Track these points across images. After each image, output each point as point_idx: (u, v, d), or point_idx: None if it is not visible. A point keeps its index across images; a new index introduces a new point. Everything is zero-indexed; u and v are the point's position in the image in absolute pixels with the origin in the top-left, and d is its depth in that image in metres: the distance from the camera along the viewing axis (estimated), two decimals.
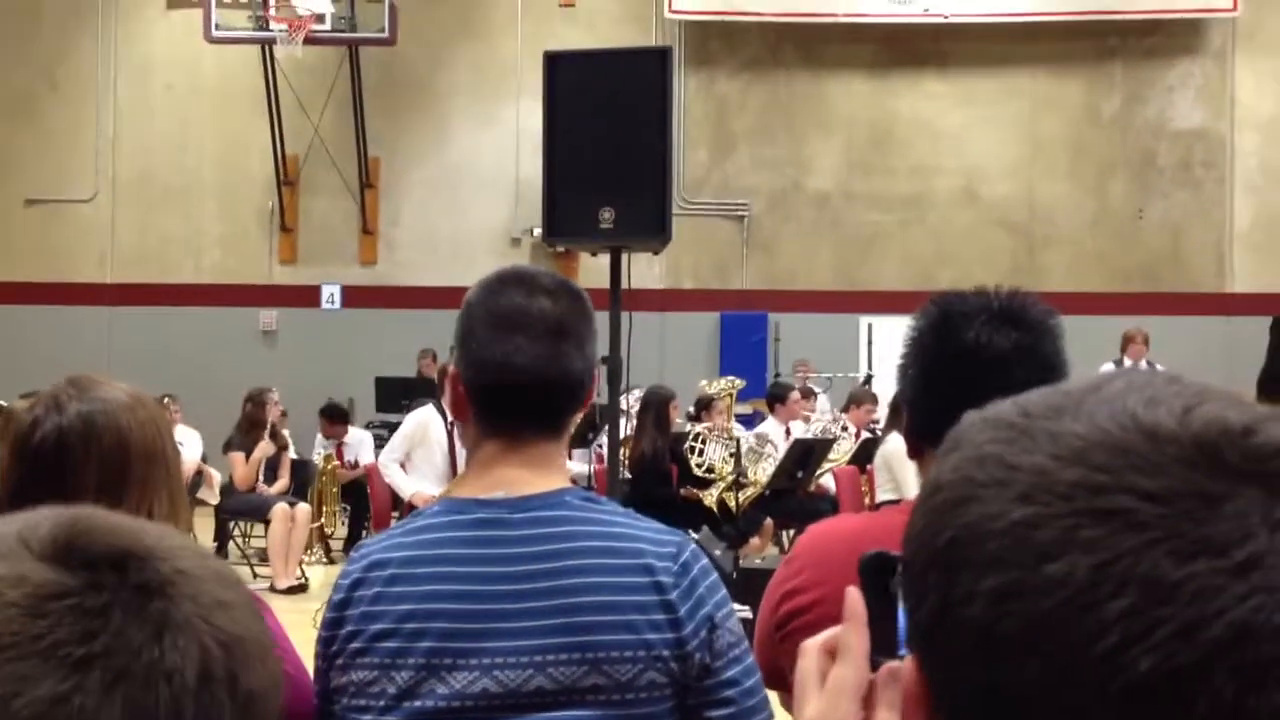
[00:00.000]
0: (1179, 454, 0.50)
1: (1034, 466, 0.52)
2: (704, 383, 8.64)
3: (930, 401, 1.52)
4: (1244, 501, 0.49)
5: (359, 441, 9.68)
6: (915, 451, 1.58)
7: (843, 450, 8.14)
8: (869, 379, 10.83)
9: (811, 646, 0.72)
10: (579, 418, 1.61)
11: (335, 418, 9.66)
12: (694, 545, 1.53)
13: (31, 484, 1.49)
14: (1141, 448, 0.51)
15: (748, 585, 4.94)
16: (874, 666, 0.70)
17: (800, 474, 7.87)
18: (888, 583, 0.70)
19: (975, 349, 1.47)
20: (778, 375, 11.56)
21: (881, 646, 0.70)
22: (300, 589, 7.97)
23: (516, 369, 1.50)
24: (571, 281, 1.61)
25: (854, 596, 0.70)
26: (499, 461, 1.52)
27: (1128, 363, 10.01)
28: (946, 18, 12.25)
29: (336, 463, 9.46)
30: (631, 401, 7.45)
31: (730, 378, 8.67)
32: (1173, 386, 0.54)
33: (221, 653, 0.58)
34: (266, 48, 11.77)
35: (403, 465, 7.21)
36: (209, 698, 0.57)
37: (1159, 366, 10.03)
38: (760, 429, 8.75)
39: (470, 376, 1.54)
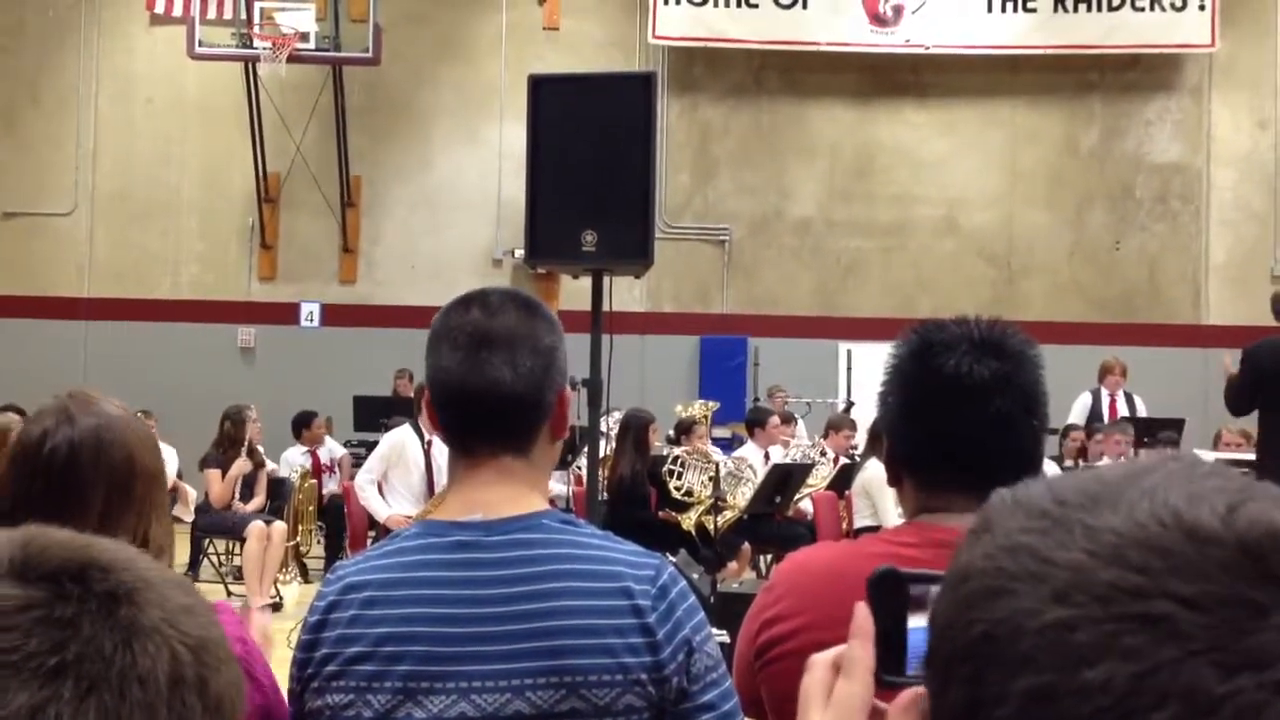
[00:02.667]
0: (1222, 557, 0.48)
1: (1070, 563, 0.50)
2: (679, 406, 8.65)
3: (910, 429, 1.54)
4: None
5: (332, 446, 9.96)
6: (895, 479, 1.59)
7: (821, 476, 8.15)
8: (849, 405, 10.85)
9: (819, 661, 0.71)
10: (549, 437, 1.59)
11: (308, 423, 9.75)
12: (672, 568, 1.52)
13: (39, 496, 1.48)
14: (1182, 548, 0.49)
15: (726, 610, 4.93)
16: (879, 684, 0.69)
17: (778, 499, 7.87)
18: (897, 602, 0.68)
19: (956, 378, 1.48)
20: (757, 400, 11.57)
21: (888, 664, 0.68)
22: (275, 608, 7.90)
23: (443, 380, 1.53)
24: (527, 295, 1.61)
25: (862, 612, 0.69)
26: (471, 481, 1.53)
27: (1104, 392, 10.07)
28: (928, 48, 12.37)
29: (312, 479, 9.43)
30: (611, 424, 7.44)
31: (704, 400, 8.68)
32: (1213, 480, 0.52)
33: (190, 656, 0.59)
34: (250, 65, 11.76)
35: (380, 486, 7.17)
36: (180, 701, 0.58)
37: (1136, 397, 10.10)
38: (739, 453, 8.76)
39: (429, 394, 1.58)
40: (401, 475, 7.10)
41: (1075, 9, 12.24)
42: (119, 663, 0.57)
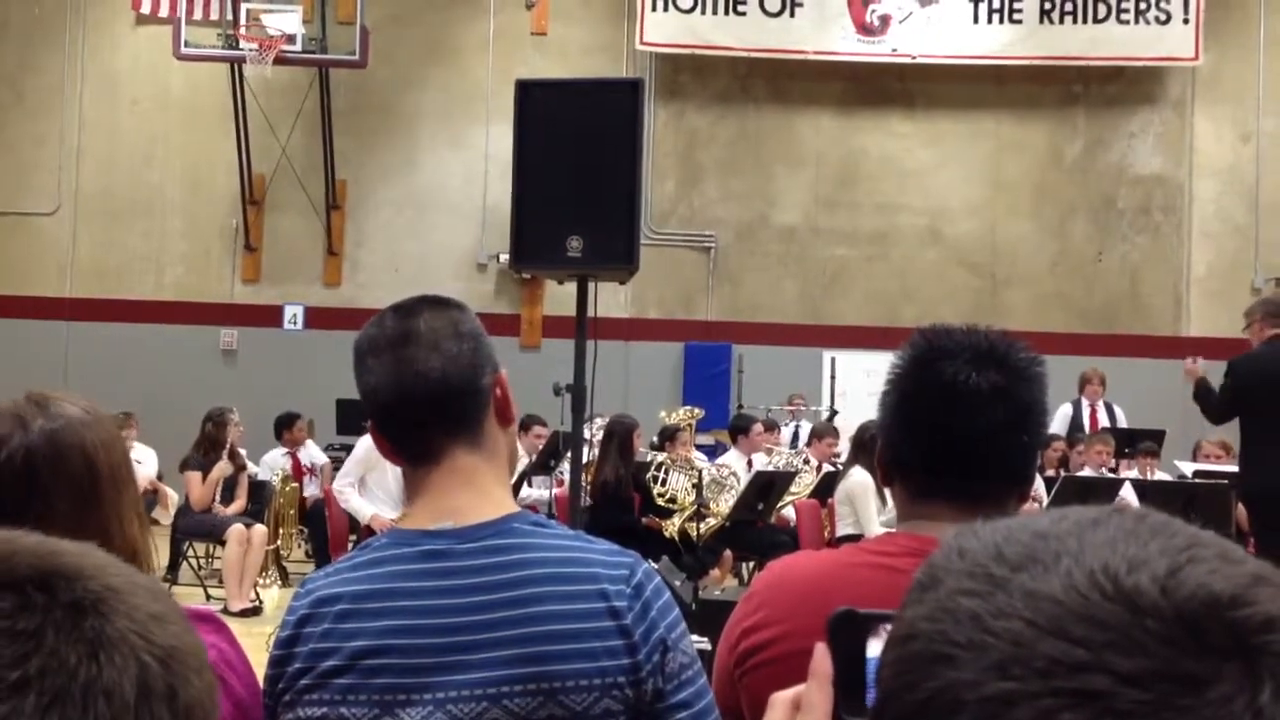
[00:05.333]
0: (1160, 630, 0.48)
1: (1011, 634, 0.50)
2: (664, 413, 8.65)
3: (902, 433, 1.53)
4: (1228, 685, 0.47)
5: (313, 451, 9.92)
6: (887, 480, 1.58)
7: (804, 483, 8.16)
8: (833, 413, 10.87)
9: (780, 699, 0.70)
10: (497, 424, 1.58)
11: (289, 424, 9.72)
12: (646, 565, 1.51)
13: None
14: (1121, 621, 0.49)
15: (707, 617, 4.93)
16: None
17: (761, 506, 7.87)
18: (856, 642, 0.67)
19: (952, 385, 1.47)
20: (741, 407, 11.58)
21: (849, 703, 0.68)
22: (254, 612, 7.87)
23: (375, 387, 1.55)
24: (438, 295, 1.65)
25: (821, 653, 0.68)
26: (436, 487, 1.51)
27: (1085, 403, 10.12)
28: (914, 58, 12.42)
29: (294, 483, 9.39)
30: (595, 430, 7.44)
31: (689, 407, 8.69)
32: (1158, 540, 0.52)
33: (159, 667, 0.58)
34: (236, 66, 11.72)
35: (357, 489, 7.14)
36: (148, 713, 0.57)
37: (1116, 408, 10.15)
38: (722, 460, 8.76)
39: (368, 411, 1.59)
40: (379, 479, 7.06)
41: (1060, 21, 12.31)
42: (83, 676, 0.55)
